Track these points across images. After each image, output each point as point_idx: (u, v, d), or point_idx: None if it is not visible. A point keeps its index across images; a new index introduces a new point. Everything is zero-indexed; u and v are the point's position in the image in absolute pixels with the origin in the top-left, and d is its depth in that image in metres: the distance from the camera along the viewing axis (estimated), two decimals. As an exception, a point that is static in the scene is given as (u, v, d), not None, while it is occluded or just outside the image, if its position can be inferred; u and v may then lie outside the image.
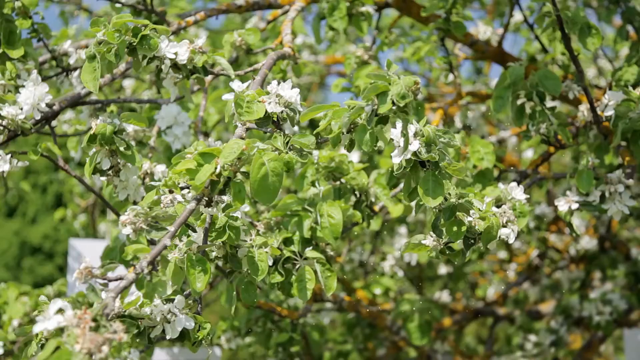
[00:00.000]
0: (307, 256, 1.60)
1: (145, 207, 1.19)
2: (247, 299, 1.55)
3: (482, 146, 1.89)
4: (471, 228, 1.42)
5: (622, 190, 1.76)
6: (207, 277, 1.28)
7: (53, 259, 16.39)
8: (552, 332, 2.64)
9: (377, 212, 1.78)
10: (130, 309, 1.24)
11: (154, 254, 1.15)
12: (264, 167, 1.17)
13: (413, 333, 2.30)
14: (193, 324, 1.29)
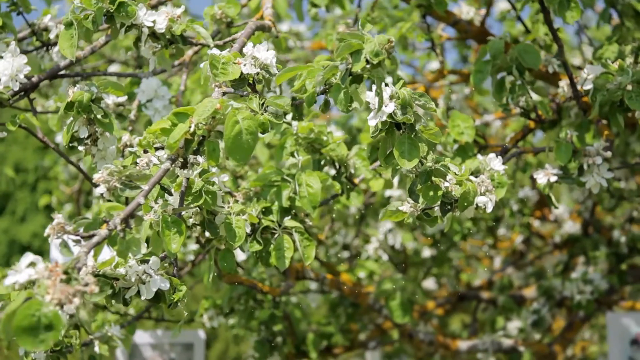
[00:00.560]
0: (285, 225, 1.61)
1: (120, 166, 1.18)
2: (225, 267, 1.55)
3: (462, 121, 1.89)
4: (447, 193, 1.42)
5: (600, 163, 1.77)
6: (182, 238, 1.28)
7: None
8: (534, 313, 2.65)
9: (357, 184, 1.79)
10: (104, 269, 1.23)
11: (128, 212, 1.15)
12: (237, 125, 1.17)
13: (395, 311, 2.30)
14: (168, 285, 1.29)
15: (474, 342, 2.44)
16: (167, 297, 1.31)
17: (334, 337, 2.68)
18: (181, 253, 2.60)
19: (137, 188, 1.20)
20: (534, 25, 2.48)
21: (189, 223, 1.46)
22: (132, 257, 1.25)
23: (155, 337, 2.76)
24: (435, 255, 2.97)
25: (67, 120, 1.54)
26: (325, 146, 1.71)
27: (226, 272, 1.50)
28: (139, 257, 1.26)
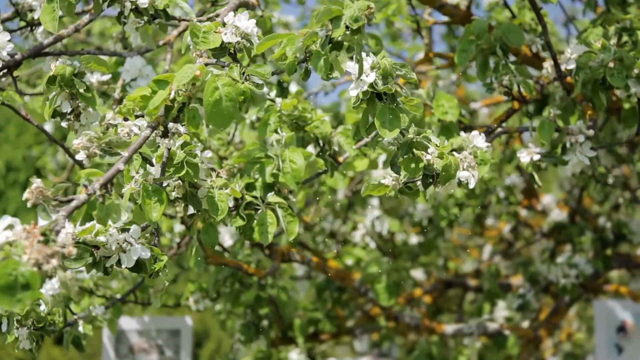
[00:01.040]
0: (269, 201, 1.61)
1: (99, 132, 1.18)
2: (207, 240, 1.55)
3: (446, 100, 1.90)
4: (429, 166, 1.42)
5: (582, 141, 1.78)
6: (163, 207, 1.28)
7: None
8: (519, 297, 2.65)
9: (341, 162, 1.79)
10: (84, 236, 1.23)
11: (107, 177, 1.15)
12: (217, 92, 1.17)
13: (381, 294, 2.30)
14: (149, 254, 1.28)
15: (459, 326, 2.44)
16: (148, 267, 1.31)
17: (321, 323, 2.68)
18: (167, 239, 2.60)
19: (117, 155, 1.20)
20: (520, 11, 2.49)
21: (171, 197, 1.46)
22: (112, 225, 1.25)
23: (142, 323, 2.75)
24: (423, 242, 2.97)
25: (50, 95, 1.54)
26: (309, 124, 1.71)
27: (209, 247, 1.50)
28: (119, 226, 1.26)
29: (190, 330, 2.81)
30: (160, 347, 2.79)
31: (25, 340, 1.68)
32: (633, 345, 2.98)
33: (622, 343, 3.00)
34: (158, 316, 2.85)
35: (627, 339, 2.99)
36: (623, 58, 1.68)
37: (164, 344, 2.79)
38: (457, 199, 2.66)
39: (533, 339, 2.56)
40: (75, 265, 1.22)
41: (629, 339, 2.99)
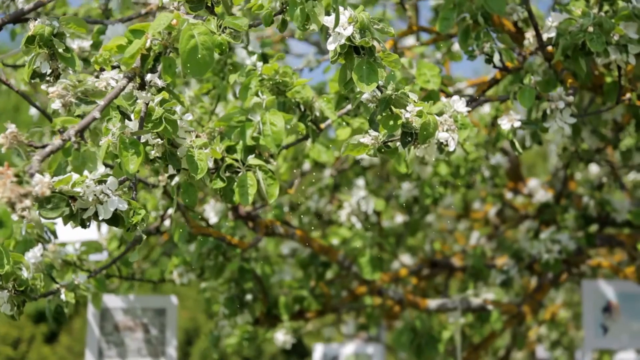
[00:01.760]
0: (249, 164, 1.61)
1: (75, 81, 1.18)
2: (187, 200, 1.55)
3: (428, 69, 1.91)
4: (408, 123, 1.43)
5: (562, 107, 1.79)
6: (140, 159, 1.29)
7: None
8: (503, 272, 2.67)
9: (323, 129, 1.79)
10: (61, 186, 1.23)
11: (83, 124, 1.15)
12: (193, 40, 1.17)
13: (364, 268, 2.31)
14: (126, 206, 1.28)
15: (443, 301, 2.45)
16: (126, 220, 1.30)
17: (306, 300, 2.68)
18: (152, 217, 2.59)
19: (93, 103, 1.20)
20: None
21: (151, 156, 1.46)
22: (89, 176, 1.25)
23: (126, 301, 2.75)
24: (409, 221, 2.98)
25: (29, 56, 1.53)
26: (290, 88, 1.71)
27: (189, 207, 1.50)
28: (96, 177, 1.26)
29: (175, 309, 2.80)
30: (146, 325, 2.78)
31: (6, 303, 1.67)
32: (617, 326, 3.00)
33: (608, 323, 3.02)
34: (143, 295, 2.84)
35: (612, 319, 3.01)
36: (602, 23, 1.69)
37: (149, 322, 2.78)
38: (441, 177, 2.67)
39: (517, 314, 2.57)
40: (51, 214, 1.21)
41: (613, 319, 3.01)
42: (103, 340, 2.71)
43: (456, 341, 2.43)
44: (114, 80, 1.27)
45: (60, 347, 16.45)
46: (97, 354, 2.69)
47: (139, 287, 2.80)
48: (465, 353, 2.57)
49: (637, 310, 3.03)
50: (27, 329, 15.39)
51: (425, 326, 2.32)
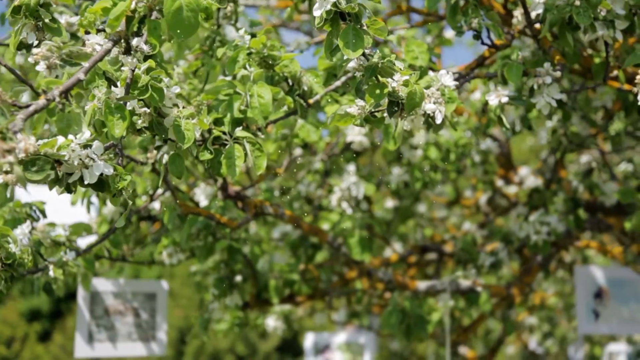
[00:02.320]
0: (237, 136, 1.61)
1: (59, 42, 1.18)
2: (174, 170, 1.55)
3: (416, 46, 1.91)
4: (394, 92, 1.44)
5: (549, 82, 1.79)
6: (126, 123, 1.29)
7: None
8: (492, 255, 2.67)
9: (311, 104, 1.79)
10: (46, 149, 1.23)
11: (67, 85, 1.15)
12: (177, 1, 1.17)
13: (353, 248, 2.31)
14: (112, 171, 1.28)
15: (432, 283, 2.45)
16: (112, 185, 1.30)
17: (297, 284, 2.69)
18: (141, 200, 2.59)
19: (78, 65, 1.20)
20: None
21: (138, 126, 1.46)
22: (74, 140, 1.25)
23: (117, 285, 2.74)
24: (399, 207, 2.98)
25: (16, 27, 1.53)
26: (278, 63, 1.72)
27: (176, 177, 1.50)
28: (82, 142, 1.26)
29: (165, 294, 2.80)
30: (136, 309, 2.78)
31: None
32: (607, 311, 3.02)
33: (599, 309, 3.04)
34: (133, 279, 2.84)
35: (603, 305, 3.02)
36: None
37: (139, 306, 2.78)
38: (431, 161, 2.68)
39: (506, 297, 2.58)
40: (36, 177, 1.21)
41: (604, 305, 3.03)
42: (93, 324, 2.70)
43: (445, 323, 2.43)
44: (99, 46, 1.27)
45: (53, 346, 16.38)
46: (87, 337, 2.69)
47: (132, 273, 2.81)
48: (454, 335, 2.58)
49: (627, 295, 3.05)
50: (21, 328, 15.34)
51: (414, 307, 2.32)
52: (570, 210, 2.63)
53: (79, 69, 1.17)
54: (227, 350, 15.39)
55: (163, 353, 2.79)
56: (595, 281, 2.98)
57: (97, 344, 2.70)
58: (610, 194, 2.68)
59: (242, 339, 15.14)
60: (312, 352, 3.87)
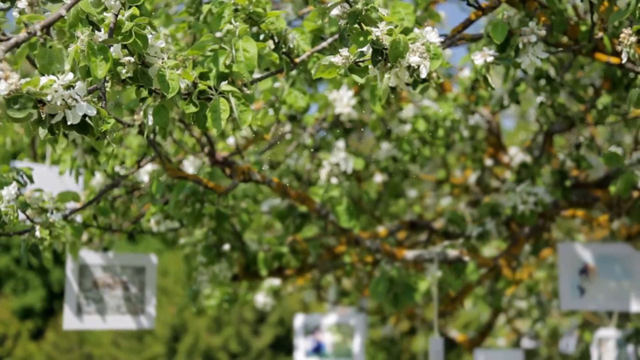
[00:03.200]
0: (222, 90, 1.61)
1: (42, -21, 1.18)
2: (158, 121, 1.55)
3: (403, 7, 1.92)
4: (378, 40, 1.44)
5: (534, 41, 1.80)
6: (109, 65, 1.29)
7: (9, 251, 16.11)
8: (480, 225, 2.68)
9: (297, 63, 1.80)
10: (28, 87, 1.23)
11: (49, 20, 1.15)
12: (161, -62, 1.17)
13: (341, 216, 2.32)
14: (95, 112, 1.29)
15: (420, 252, 2.46)
16: (95, 127, 1.31)
17: (285, 257, 2.69)
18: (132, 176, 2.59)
19: (60, 2, 1.20)
20: None
21: (122, 76, 1.47)
22: (57, 80, 1.25)
23: (106, 258, 2.75)
24: (388, 182, 2.99)
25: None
26: (264, 20, 1.72)
27: (161, 128, 1.50)
28: (64, 83, 1.26)
29: (154, 268, 2.80)
30: (125, 283, 2.78)
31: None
32: (593, 287, 3.03)
33: (584, 285, 3.05)
34: (122, 253, 2.84)
35: (589, 281, 3.04)
36: (573, -46, 1.71)
37: (128, 280, 2.78)
38: (420, 133, 2.69)
39: (493, 268, 2.59)
40: (18, 115, 1.22)
41: (589, 281, 3.04)
42: (82, 297, 2.70)
43: (433, 293, 2.44)
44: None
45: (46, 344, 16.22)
46: (75, 309, 2.69)
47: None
48: (442, 305, 2.59)
49: (614, 271, 3.06)
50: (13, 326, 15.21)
51: (402, 276, 2.33)
52: (557, 182, 2.64)
53: (61, 5, 1.18)
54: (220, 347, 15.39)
55: (152, 327, 2.79)
56: (580, 257, 3.00)
57: (85, 317, 2.70)
58: (597, 167, 2.69)
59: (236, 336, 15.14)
60: (302, 333, 3.87)
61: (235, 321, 15.09)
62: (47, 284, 16.22)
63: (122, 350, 15.16)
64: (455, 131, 2.82)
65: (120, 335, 15.30)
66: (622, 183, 1.97)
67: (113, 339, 15.26)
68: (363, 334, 3.87)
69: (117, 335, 15.27)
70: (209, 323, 15.00)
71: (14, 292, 16.16)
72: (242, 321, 15.20)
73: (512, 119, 8.86)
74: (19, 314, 15.71)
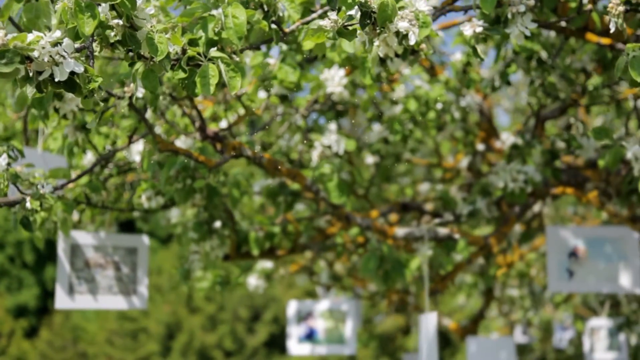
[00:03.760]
0: (211, 56, 1.62)
1: None
2: (147, 85, 1.56)
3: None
4: (366, 3, 1.45)
5: (523, 10, 1.81)
6: (96, 22, 1.29)
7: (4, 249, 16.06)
8: (470, 203, 2.69)
9: (287, 33, 1.81)
10: (15, 42, 1.24)
11: (37, -27, 1.15)
12: None
13: (332, 192, 2.33)
14: (82, 69, 1.29)
15: (410, 229, 2.47)
16: (83, 85, 1.31)
17: (277, 237, 2.70)
18: (124, 156, 2.60)
19: (48, -44, 1.20)
20: None
21: (111, 39, 1.47)
22: (44, 37, 1.25)
23: (97, 238, 2.75)
24: (379, 163, 3.00)
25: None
26: (254, -13, 1.73)
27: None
28: (52, 39, 1.27)
29: (146, 249, 2.80)
30: (117, 263, 2.78)
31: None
32: (583, 269, 3.04)
33: (573, 267, 3.06)
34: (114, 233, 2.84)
35: (578, 264, 3.05)
36: None
37: (120, 260, 2.78)
38: (411, 113, 2.70)
39: (483, 246, 2.60)
40: (5, 69, 1.22)
41: (579, 263, 3.05)
42: (74, 276, 2.70)
43: (423, 271, 2.45)
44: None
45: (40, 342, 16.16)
46: (67, 288, 2.69)
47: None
48: (432, 284, 2.60)
49: (606, 253, 3.07)
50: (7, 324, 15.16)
51: (392, 252, 2.34)
52: (547, 161, 2.65)
53: (48, -40, 1.18)
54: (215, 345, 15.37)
55: (144, 307, 2.79)
56: (569, 240, 3.01)
57: (77, 296, 2.70)
58: (587, 148, 2.70)
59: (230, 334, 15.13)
60: (295, 320, 3.88)
61: (229, 319, 15.09)
62: (41, 282, 16.20)
63: (117, 348, 15.14)
64: (447, 112, 2.83)
65: (115, 333, 15.28)
66: (610, 156, 1.98)
67: (107, 337, 15.24)
68: (355, 319, 3.88)
69: (112, 334, 15.25)
70: (203, 321, 14.99)
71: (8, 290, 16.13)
72: (237, 319, 15.20)
73: (508, 115, 8.87)
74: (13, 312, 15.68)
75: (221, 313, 15.10)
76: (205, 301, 14.94)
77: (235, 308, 15.08)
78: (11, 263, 16.46)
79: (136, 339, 15.14)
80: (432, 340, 2.44)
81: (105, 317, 15.54)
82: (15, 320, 15.36)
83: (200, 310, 15.10)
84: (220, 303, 15.05)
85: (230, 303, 15.03)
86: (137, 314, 15.20)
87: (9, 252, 16.36)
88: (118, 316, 15.23)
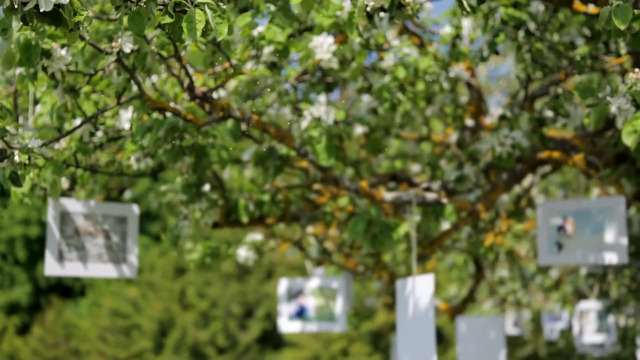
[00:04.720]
0: (198, 2, 1.63)
1: None
2: (133, 27, 1.57)
3: None
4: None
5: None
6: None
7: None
8: (458, 169, 2.71)
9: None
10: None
11: None
12: None
13: (320, 154, 2.34)
14: (68, 1, 1.30)
15: (398, 194, 2.48)
16: (68, 18, 1.32)
17: (266, 205, 2.71)
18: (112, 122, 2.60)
19: None
20: None
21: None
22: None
23: (87, 207, 2.75)
24: (369, 136, 3.01)
25: None
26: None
27: (135, 33, 1.52)
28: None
29: (136, 218, 2.81)
30: (107, 232, 2.79)
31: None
32: (572, 242, 3.06)
33: (562, 240, 3.08)
34: (104, 202, 2.85)
35: (567, 237, 3.07)
36: None
37: (110, 229, 2.79)
38: (400, 81, 2.71)
39: (471, 212, 2.62)
40: (-8, -4, 1.23)
41: (568, 236, 3.07)
42: (63, 243, 2.71)
43: (411, 236, 2.46)
44: None
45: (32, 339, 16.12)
46: (57, 255, 2.70)
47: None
48: (420, 249, 2.61)
49: (593, 224, 3.09)
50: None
51: (380, 216, 2.35)
52: (534, 128, 2.67)
53: None
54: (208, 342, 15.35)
55: (134, 276, 2.80)
56: (558, 214, 3.03)
57: (67, 263, 2.71)
58: (575, 117, 2.73)
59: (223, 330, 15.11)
60: (286, 298, 3.90)
61: (222, 316, 15.07)
62: (33, 279, 16.17)
63: (109, 345, 15.11)
64: (436, 82, 2.85)
65: (107, 330, 15.25)
66: (595, 114, 2.00)
67: (100, 334, 15.21)
68: (345, 296, 3.89)
69: (104, 330, 15.21)
70: (196, 318, 14.96)
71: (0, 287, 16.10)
72: (229, 316, 15.18)
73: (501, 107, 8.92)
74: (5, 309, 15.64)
75: (214, 309, 15.09)
76: (197, 298, 14.93)
77: (228, 304, 15.07)
78: (3, 260, 16.42)
79: (129, 336, 15.11)
80: (429, 308, 2.24)
81: (98, 314, 15.53)
82: (7, 317, 15.33)
83: (193, 307, 15.10)
84: (212, 299, 15.05)
85: (223, 300, 15.03)
86: (129, 311, 15.18)
87: (0, 249, 16.32)
88: (110, 313, 15.21)
